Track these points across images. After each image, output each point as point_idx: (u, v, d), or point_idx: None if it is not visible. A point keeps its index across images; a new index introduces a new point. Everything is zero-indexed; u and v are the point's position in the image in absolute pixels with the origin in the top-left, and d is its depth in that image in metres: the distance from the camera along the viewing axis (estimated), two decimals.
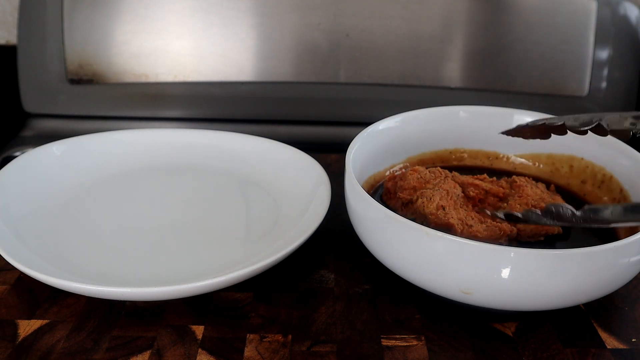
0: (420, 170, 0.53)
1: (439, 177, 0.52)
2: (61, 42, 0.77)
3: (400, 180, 0.53)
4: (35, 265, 0.46)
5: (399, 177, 0.54)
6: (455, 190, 0.50)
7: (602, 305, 0.47)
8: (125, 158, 0.63)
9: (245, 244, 0.53)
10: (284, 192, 0.59)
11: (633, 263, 0.42)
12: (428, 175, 0.52)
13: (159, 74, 0.78)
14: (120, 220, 0.56)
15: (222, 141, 0.65)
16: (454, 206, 0.49)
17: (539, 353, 0.43)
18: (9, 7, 0.85)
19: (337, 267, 0.51)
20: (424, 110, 0.59)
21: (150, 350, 0.43)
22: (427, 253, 0.43)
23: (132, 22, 0.76)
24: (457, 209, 0.48)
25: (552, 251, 0.40)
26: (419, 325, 0.45)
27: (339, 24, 0.77)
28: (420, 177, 0.52)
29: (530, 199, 0.50)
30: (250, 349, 0.43)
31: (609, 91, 0.78)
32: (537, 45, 0.77)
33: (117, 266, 0.50)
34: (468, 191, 0.51)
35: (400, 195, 0.52)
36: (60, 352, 0.42)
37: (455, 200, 0.49)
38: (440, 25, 0.77)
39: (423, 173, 0.52)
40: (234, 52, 0.78)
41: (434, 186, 0.50)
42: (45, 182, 0.58)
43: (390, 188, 0.54)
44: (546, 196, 0.52)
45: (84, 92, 0.79)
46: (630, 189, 0.52)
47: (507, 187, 0.53)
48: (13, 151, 0.75)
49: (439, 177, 0.52)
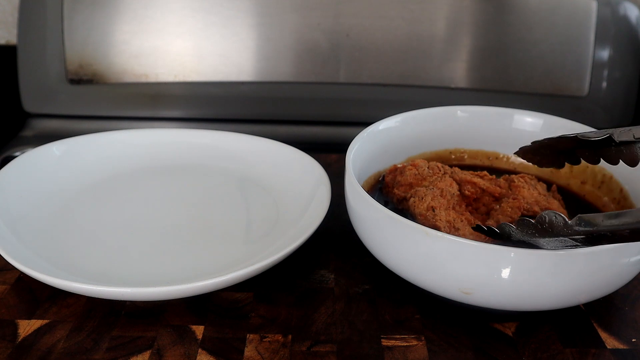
0: (420, 165, 0.53)
1: (436, 174, 0.52)
2: (61, 42, 0.77)
3: (399, 175, 0.53)
4: (35, 265, 0.46)
5: (399, 171, 0.54)
6: (451, 188, 0.50)
7: (602, 305, 0.47)
8: (125, 158, 0.63)
9: (245, 244, 0.53)
10: (284, 192, 0.59)
11: (633, 263, 0.42)
12: (426, 171, 0.52)
13: (159, 74, 0.78)
14: (120, 220, 0.56)
15: (222, 141, 0.65)
16: (446, 206, 0.49)
17: (539, 353, 0.43)
18: (9, 7, 0.85)
19: (337, 267, 0.51)
20: (424, 110, 0.59)
21: (150, 350, 0.43)
22: (427, 253, 0.43)
23: (132, 22, 0.76)
24: (448, 210, 0.48)
25: (552, 251, 0.40)
26: (419, 325, 0.45)
27: (339, 24, 0.77)
28: (417, 173, 0.52)
29: (524, 202, 0.50)
30: (250, 349, 0.43)
31: (609, 91, 0.78)
32: (537, 45, 0.77)
33: (117, 266, 0.50)
34: (464, 190, 0.51)
35: (396, 191, 0.52)
36: (60, 352, 0.42)
37: (449, 200, 0.49)
38: (440, 25, 0.77)
39: (421, 169, 0.52)
40: (234, 52, 0.78)
41: (429, 184, 0.50)
42: (45, 182, 0.58)
43: (388, 182, 0.54)
44: (542, 199, 0.51)
45: (84, 92, 0.79)
46: (630, 189, 0.52)
47: (506, 186, 0.53)
48: (13, 151, 0.75)
49: (437, 173, 0.52)
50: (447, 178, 0.51)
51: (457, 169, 0.54)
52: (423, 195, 0.49)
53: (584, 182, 0.57)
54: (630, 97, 0.79)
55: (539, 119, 0.59)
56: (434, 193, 0.49)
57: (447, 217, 0.48)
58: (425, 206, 0.48)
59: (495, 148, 0.60)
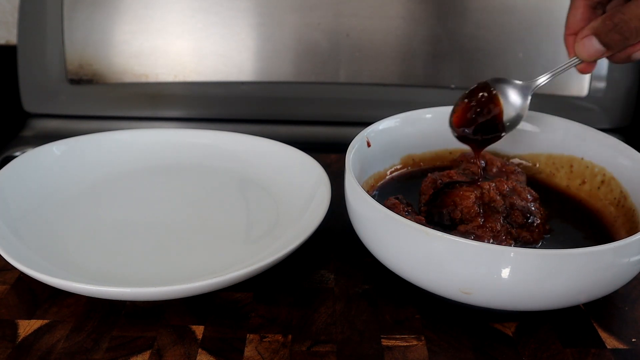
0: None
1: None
2: (61, 42, 0.77)
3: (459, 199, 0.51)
4: (35, 265, 0.46)
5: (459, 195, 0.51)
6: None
7: (602, 305, 0.47)
8: (125, 158, 0.63)
9: (245, 244, 0.53)
10: (284, 192, 0.59)
11: (633, 263, 0.42)
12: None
13: (159, 74, 0.78)
14: (120, 220, 0.56)
15: (222, 141, 0.65)
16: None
17: (539, 353, 0.43)
18: (9, 7, 0.85)
19: (337, 267, 0.51)
20: (424, 110, 0.59)
21: (150, 350, 0.43)
22: (427, 253, 0.43)
23: (132, 22, 0.76)
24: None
25: (552, 251, 0.40)
26: (419, 325, 0.45)
27: (339, 24, 0.77)
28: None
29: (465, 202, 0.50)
30: (250, 349, 0.43)
31: (609, 91, 0.78)
32: (537, 45, 0.77)
33: (117, 266, 0.50)
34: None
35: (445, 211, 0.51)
36: (60, 352, 0.42)
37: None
38: (440, 25, 0.77)
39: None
40: (234, 52, 0.78)
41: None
42: (45, 182, 0.58)
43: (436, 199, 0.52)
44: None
45: (84, 92, 0.79)
46: (630, 189, 0.52)
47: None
48: (13, 151, 0.75)
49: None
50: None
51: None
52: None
53: (584, 182, 0.57)
54: (630, 97, 0.79)
55: (539, 119, 0.59)
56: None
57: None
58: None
59: (495, 148, 0.60)
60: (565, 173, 0.58)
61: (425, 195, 0.52)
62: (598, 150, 0.56)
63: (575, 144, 0.57)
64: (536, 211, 0.50)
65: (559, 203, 0.56)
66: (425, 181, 0.53)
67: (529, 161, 0.60)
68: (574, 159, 0.57)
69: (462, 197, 0.50)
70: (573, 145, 0.57)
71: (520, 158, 0.60)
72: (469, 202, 0.49)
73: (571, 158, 0.58)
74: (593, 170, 0.56)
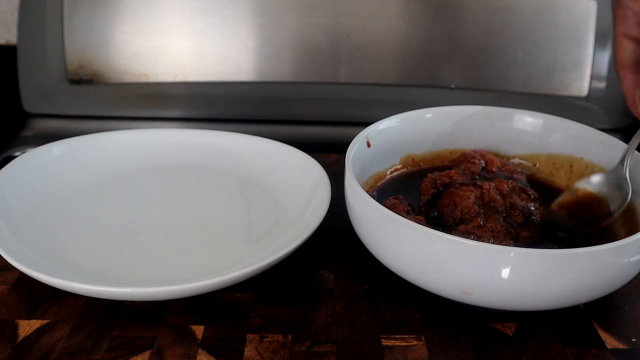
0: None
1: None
2: (61, 42, 0.77)
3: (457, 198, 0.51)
4: (35, 265, 0.46)
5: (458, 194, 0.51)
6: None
7: (602, 305, 0.47)
8: (125, 158, 0.63)
9: (245, 244, 0.53)
10: (284, 192, 0.59)
11: (633, 263, 0.42)
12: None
13: (159, 74, 0.78)
14: (120, 220, 0.56)
15: (222, 141, 0.65)
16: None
17: (539, 353, 0.43)
18: (9, 7, 0.85)
19: (337, 267, 0.51)
20: (424, 110, 0.59)
21: (150, 350, 0.43)
22: (427, 253, 0.43)
23: (132, 22, 0.76)
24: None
25: (552, 251, 0.40)
26: (419, 325, 0.45)
27: (339, 24, 0.77)
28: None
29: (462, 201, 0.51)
30: (250, 349, 0.43)
31: (609, 91, 0.78)
32: (537, 45, 0.77)
33: (117, 266, 0.50)
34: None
35: (446, 211, 0.51)
36: (60, 352, 0.42)
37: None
38: (440, 25, 0.77)
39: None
40: (234, 52, 0.78)
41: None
42: (45, 182, 0.58)
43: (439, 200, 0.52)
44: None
45: (84, 92, 0.79)
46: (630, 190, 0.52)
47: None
48: (13, 151, 0.75)
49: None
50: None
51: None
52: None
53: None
54: None
55: (539, 119, 0.59)
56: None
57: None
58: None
59: (495, 148, 0.60)
60: (565, 173, 0.58)
61: (425, 195, 0.52)
62: (598, 150, 0.56)
63: (575, 144, 0.57)
64: (536, 211, 0.50)
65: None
66: (425, 181, 0.53)
67: (529, 161, 0.60)
68: (574, 159, 0.57)
69: (462, 197, 0.50)
70: (573, 145, 0.57)
71: (520, 158, 0.60)
72: (469, 202, 0.50)
73: (571, 158, 0.58)
74: (593, 170, 0.56)
